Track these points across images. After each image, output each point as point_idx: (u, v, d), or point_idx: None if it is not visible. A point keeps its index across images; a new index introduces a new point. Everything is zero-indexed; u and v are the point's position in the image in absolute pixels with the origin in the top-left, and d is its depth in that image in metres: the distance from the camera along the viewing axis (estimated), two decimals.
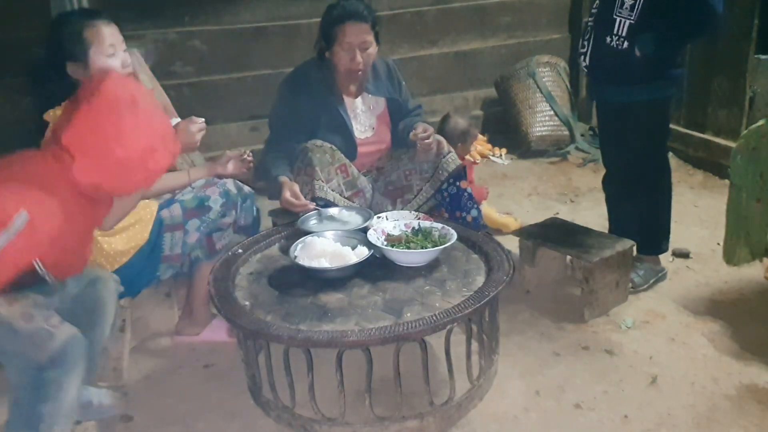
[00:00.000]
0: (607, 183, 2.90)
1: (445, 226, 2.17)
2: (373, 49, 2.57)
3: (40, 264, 1.66)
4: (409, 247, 2.07)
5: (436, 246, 2.07)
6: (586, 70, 2.70)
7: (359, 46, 2.52)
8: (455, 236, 2.11)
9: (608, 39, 2.50)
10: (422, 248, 2.05)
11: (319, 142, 2.55)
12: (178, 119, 2.35)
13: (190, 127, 2.17)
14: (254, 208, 2.46)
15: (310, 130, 2.60)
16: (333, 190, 2.53)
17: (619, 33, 2.46)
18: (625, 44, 2.45)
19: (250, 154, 2.49)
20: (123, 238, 2.15)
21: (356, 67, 2.55)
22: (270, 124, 2.73)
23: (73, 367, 1.72)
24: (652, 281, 2.79)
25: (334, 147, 2.58)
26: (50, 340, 1.67)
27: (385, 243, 2.10)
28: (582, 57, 2.65)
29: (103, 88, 1.66)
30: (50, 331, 1.68)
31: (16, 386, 1.72)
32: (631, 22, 2.43)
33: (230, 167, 2.42)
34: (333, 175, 2.56)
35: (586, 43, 2.62)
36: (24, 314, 1.67)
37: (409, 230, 2.17)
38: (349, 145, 2.66)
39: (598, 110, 2.90)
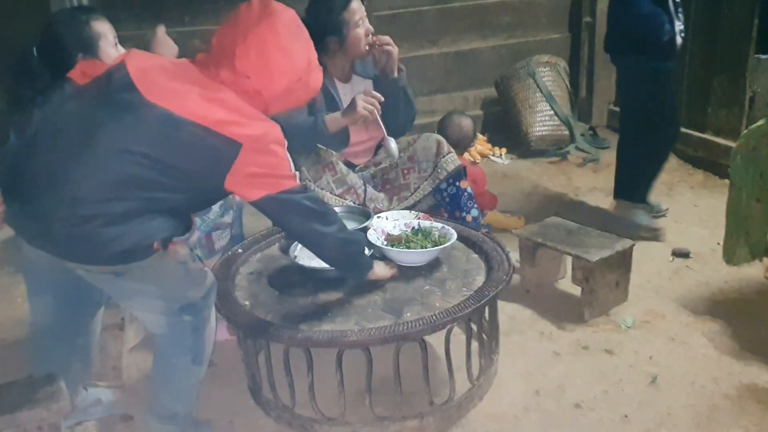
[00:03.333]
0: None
1: (445, 225, 2.17)
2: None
3: None
4: (409, 247, 2.06)
5: (436, 246, 2.07)
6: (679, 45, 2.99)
7: (365, 19, 2.59)
8: (455, 236, 2.11)
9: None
10: (422, 248, 2.05)
11: None
12: None
13: (168, 41, 2.20)
14: (241, 219, 2.50)
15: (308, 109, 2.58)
16: (322, 189, 2.54)
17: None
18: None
19: None
20: None
21: (369, 39, 2.61)
22: None
23: (213, 303, 1.83)
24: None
25: (319, 146, 2.58)
26: (206, 277, 1.79)
27: (385, 243, 2.10)
28: (681, 33, 2.96)
29: (271, 9, 1.65)
30: (205, 270, 1.82)
31: (163, 338, 1.78)
32: None
33: None
34: (321, 173, 2.57)
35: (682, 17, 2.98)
36: (191, 256, 1.83)
37: (409, 230, 2.17)
38: (342, 130, 2.65)
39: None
